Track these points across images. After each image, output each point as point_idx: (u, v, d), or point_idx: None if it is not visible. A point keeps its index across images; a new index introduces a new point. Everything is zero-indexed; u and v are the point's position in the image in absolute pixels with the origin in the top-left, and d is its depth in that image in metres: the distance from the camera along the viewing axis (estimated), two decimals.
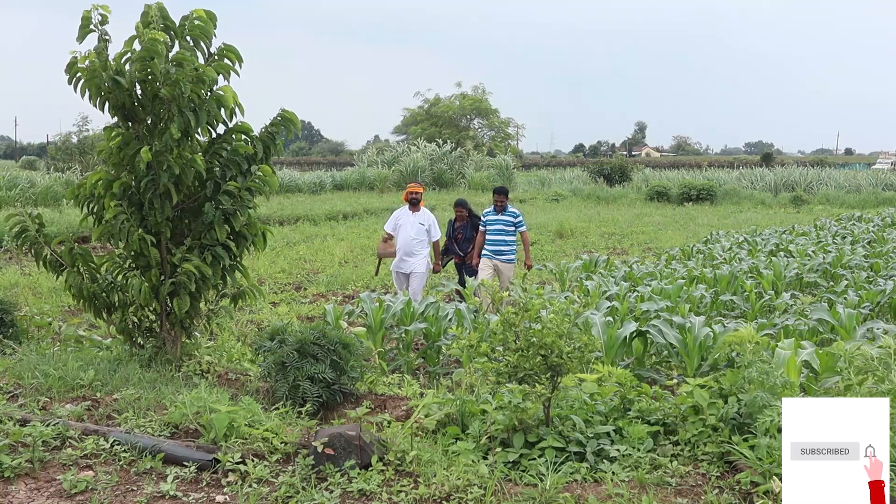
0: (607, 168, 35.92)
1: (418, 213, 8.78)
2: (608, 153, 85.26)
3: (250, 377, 4.90)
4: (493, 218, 9.00)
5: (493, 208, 9.02)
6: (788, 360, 4.27)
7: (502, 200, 8.97)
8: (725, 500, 3.15)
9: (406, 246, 8.64)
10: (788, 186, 32.69)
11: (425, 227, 8.70)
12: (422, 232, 8.68)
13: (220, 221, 4.82)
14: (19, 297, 8.61)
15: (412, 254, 8.64)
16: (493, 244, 8.90)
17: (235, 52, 4.89)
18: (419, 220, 8.71)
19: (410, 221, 8.70)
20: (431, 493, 3.21)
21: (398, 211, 8.94)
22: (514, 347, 3.76)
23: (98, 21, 4.60)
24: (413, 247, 8.63)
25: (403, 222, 8.74)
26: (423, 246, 8.72)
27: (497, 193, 9.10)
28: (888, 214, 20.01)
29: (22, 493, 3.23)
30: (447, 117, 53.09)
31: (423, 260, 8.70)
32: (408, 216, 8.75)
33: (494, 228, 8.94)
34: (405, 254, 8.66)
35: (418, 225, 8.68)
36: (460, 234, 9.36)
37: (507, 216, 8.95)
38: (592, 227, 19.00)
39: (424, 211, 8.87)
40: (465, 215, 9.38)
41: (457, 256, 9.33)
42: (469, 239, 9.28)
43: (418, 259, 8.67)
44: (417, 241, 8.64)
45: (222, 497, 3.23)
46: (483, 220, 9.08)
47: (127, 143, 4.67)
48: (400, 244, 8.70)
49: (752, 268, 10.52)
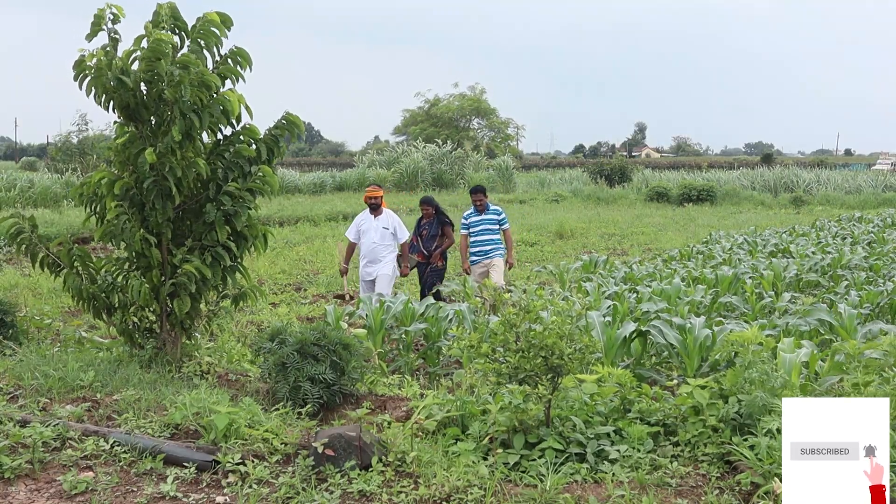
0: (607, 169, 35.91)
1: (381, 217, 8.34)
2: (608, 154, 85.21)
3: (250, 378, 4.90)
4: (476, 219, 8.68)
5: (474, 209, 8.71)
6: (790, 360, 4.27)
7: (481, 199, 8.67)
8: (726, 500, 3.15)
9: (371, 252, 8.25)
10: (788, 187, 32.68)
11: (390, 230, 8.29)
12: (386, 236, 8.28)
13: (220, 222, 4.82)
14: (19, 297, 8.60)
15: (377, 260, 8.26)
16: (481, 245, 8.61)
17: (246, 55, 4.88)
18: (382, 223, 8.28)
19: (374, 226, 8.28)
20: (432, 493, 3.21)
21: (360, 216, 8.49)
22: (515, 348, 3.76)
23: (110, 20, 4.60)
24: (378, 253, 8.24)
25: (366, 227, 8.32)
26: (390, 251, 8.32)
27: (475, 193, 8.76)
28: (888, 215, 20.00)
29: (22, 493, 3.23)
30: (446, 118, 53.12)
31: (390, 264, 8.31)
32: (370, 221, 8.32)
33: (480, 230, 8.64)
34: (370, 261, 8.28)
35: (382, 229, 8.27)
36: (425, 231, 8.96)
37: (490, 215, 8.67)
38: (592, 228, 19.00)
39: (387, 213, 8.42)
40: (432, 212, 8.95)
41: (420, 254, 8.85)
42: (434, 236, 8.87)
43: (384, 264, 8.29)
44: (382, 245, 8.26)
45: (222, 498, 3.23)
46: (465, 223, 8.74)
47: (131, 141, 4.68)
48: (364, 251, 8.31)
49: (752, 268, 10.52)
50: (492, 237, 8.65)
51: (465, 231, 8.73)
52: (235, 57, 4.86)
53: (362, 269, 8.35)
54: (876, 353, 4.17)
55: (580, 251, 14.85)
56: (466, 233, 8.71)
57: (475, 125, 54.89)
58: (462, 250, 8.94)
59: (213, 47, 4.79)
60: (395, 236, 8.30)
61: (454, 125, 53.02)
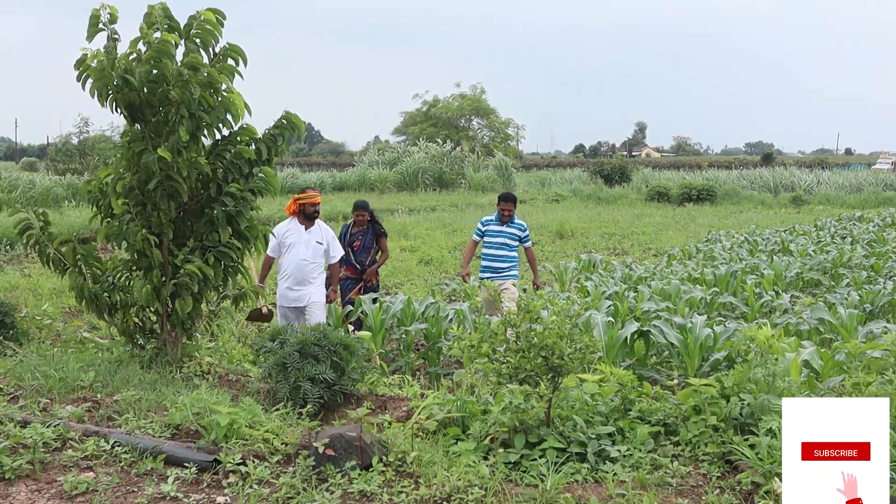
0: (607, 168, 35.92)
1: (313, 229, 6.67)
2: (608, 154, 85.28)
3: (251, 378, 4.90)
4: (495, 229, 7.62)
5: (497, 217, 7.64)
6: (791, 360, 4.27)
7: (511, 210, 7.59)
8: (726, 500, 3.15)
9: (298, 272, 6.55)
10: (788, 187, 32.70)
11: (324, 245, 6.68)
12: (319, 253, 6.65)
13: (223, 223, 4.83)
14: (20, 298, 8.61)
15: (306, 281, 6.59)
16: (493, 260, 7.59)
17: (240, 52, 4.87)
18: (315, 237, 6.64)
19: (303, 240, 6.60)
20: (432, 493, 3.21)
21: (283, 226, 6.73)
22: (516, 348, 3.76)
23: (107, 19, 4.59)
24: (308, 273, 6.58)
25: (293, 240, 6.61)
26: (320, 271, 6.74)
27: (504, 201, 7.64)
28: (888, 214, 20.01)
29: (23, 494, 3.23)
30: (446, 118, 53.12)
31: (321, 288, 6.75)
32: (299, 233, 6.62)
33: (496, 242, 7.59)
34: (297, 282, 6.57)
35: (315, 244, 6.62)
36: (358, 242, 7.63)
37: (513, 229, 7.60)
38: (593, 228, 19.00)
39: (320, 225, 6.77)
40: (366, 220, 7.65)
41: (351, 269, 7.60)
42: (367, 248, 7.65)
43: (314, 287, 6.66)
44: (314, 265, 6.62)
45: (223, 498, 3.23)
46: (481, 230, 7.71)
47: (135, 140, 4.69)
48: (288, 269, 6.60)
49: (752, 268, 10.52)
50: (507, 254, 7.61)
51: (478, 238, 7.77)
52: (231, 54, 4.86)
53: (284, 292, 6.63)
54: (877, 353, 4.17)
55: (580, 251, 14.85)
56: (479, 240, 7.77)
57: (475, 125, 54.89)
58: (467, 254, 8.10)
59: (210, 46, 4.79)
60: (329, 253, 6.75)
61: (454, 125, 53.01)
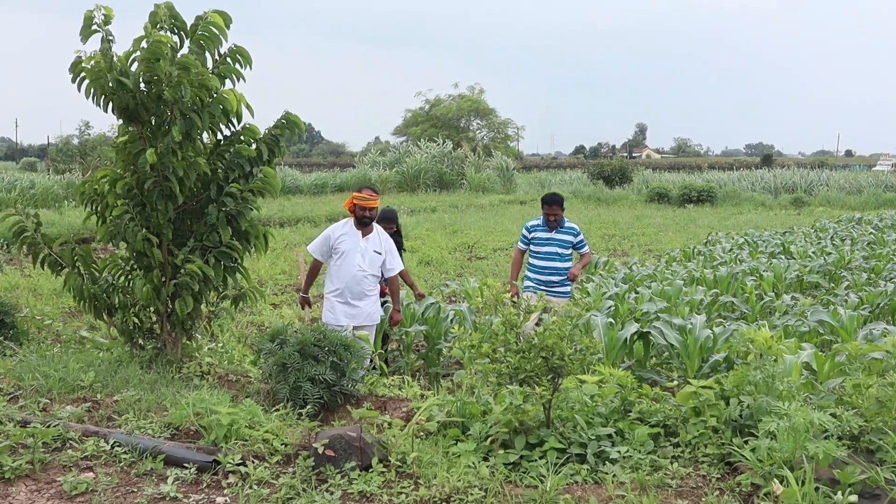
0: (608, 170, 35.98)
1: (371, 236, 5.74)
2: (608, 155, 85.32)
3: (251, 379, 4.90)
4: (542, 236, 6.59)
5: (544, 222, 6.63)
6: (791, 361, 4.27)
7: (557, 214, 6.52)
8: (726, 502, 3.15)
9: (354, 283, 5.66)
10: (789, 188, 32.74)
11: (382, 256, 5.76)
12: (376, 264, 5.73)
13: (223, 223, 4.83)
14: (20, 298, 8.61)
15: (364, 295, 5.71)
16: (541, 272, 6.57)
17: (245, 54, 4.87)
18: (373, 245, 5.72)
19: (360, 247, 5.68)
20: (432, 494, 3.21)
21: (336, 228, 5.86)
22: (516, 349, 3.76)
23: (101, 21, 4.58)
24: (364, 285, 5.69)
25: (348, 248, 5.68)
26: (375, 285, 5.82)
27: (549, 204, 6.53)
28: (888, 216, 20.01)
29: (23, 494, 3.23)
30: (446, 119, 53.17)
31: (377, 305, 5.86)
32: (355, 238, 5.70)
33: (544, 252, 6.57)
34: (353, 296, 5.68)
35: (372, 253, 5.71)
36: None
37: (564, 234, 6.58)
38: (593, 229, 19.00)
39: (379, 231, 5.85)
40: (393, 232, 6.59)
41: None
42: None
43: (370, 303, 5.77)
44: (371, 277, 5.72)
45: (222, 499, 3.22)
46: (527, 237, 6.70)
47: (132, 141, 4.68)
48: (341, 279, 5.69)
49: (752, 269, 10.52)
50: (559, 265, 6.54)
51: (524, 247, 6.76)
52: (235, 56, 4.86)
53: (334, 305, 5.74)
54: (877, 355, 4.17)
55: None
56: (524, 249, 6.77)
57: (475, 126, 54.94)
58: (514, 267, 7.00)
59: (214, 47, 4.78)
60: (386, 265, 5.83)
61: (454, 126, 53.05)
